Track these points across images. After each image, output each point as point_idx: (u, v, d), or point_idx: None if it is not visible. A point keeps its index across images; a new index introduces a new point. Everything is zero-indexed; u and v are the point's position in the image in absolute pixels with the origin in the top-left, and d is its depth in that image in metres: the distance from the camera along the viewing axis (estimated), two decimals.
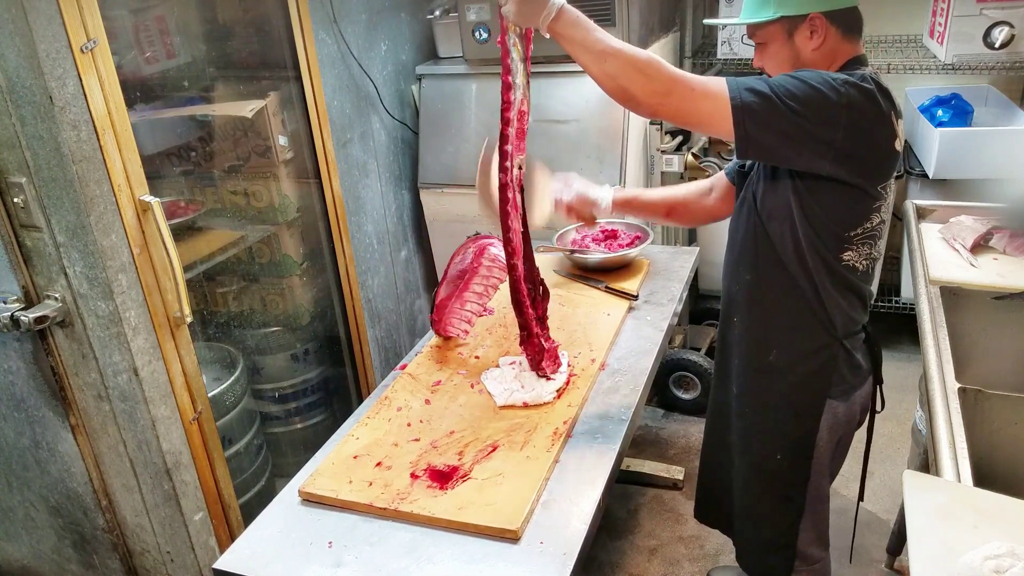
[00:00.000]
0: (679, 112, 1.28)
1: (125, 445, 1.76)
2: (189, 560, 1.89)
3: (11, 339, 1.69)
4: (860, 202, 1.37)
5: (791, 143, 1.29)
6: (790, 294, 1.46)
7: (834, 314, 1.46)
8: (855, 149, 1.30)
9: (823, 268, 1.42)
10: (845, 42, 1.42)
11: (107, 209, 1.56)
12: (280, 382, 2.60)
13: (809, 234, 1.40)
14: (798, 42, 1.42)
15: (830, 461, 1.63)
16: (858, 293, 1.48)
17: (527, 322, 1.65)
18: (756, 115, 1.25)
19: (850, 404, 1.57)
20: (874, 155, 1.33)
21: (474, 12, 2.63)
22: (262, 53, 2.31)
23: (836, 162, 1.30)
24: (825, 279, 1.43)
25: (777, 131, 1.27)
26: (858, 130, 1.28)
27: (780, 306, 1.49)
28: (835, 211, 1.38)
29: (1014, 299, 1.75)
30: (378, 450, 1.55)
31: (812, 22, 1.38)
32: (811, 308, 1.46)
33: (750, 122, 1.25)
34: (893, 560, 2.26)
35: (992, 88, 3.08)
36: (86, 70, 1.48)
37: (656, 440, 2.89)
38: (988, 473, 1.41)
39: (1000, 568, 1.03)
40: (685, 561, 2.35)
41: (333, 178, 2.40)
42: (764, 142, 1.29)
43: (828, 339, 1.48)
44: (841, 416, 1.56)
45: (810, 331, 1.48)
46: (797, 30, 1.40)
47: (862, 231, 1.39)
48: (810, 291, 1.44)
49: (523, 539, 1.32)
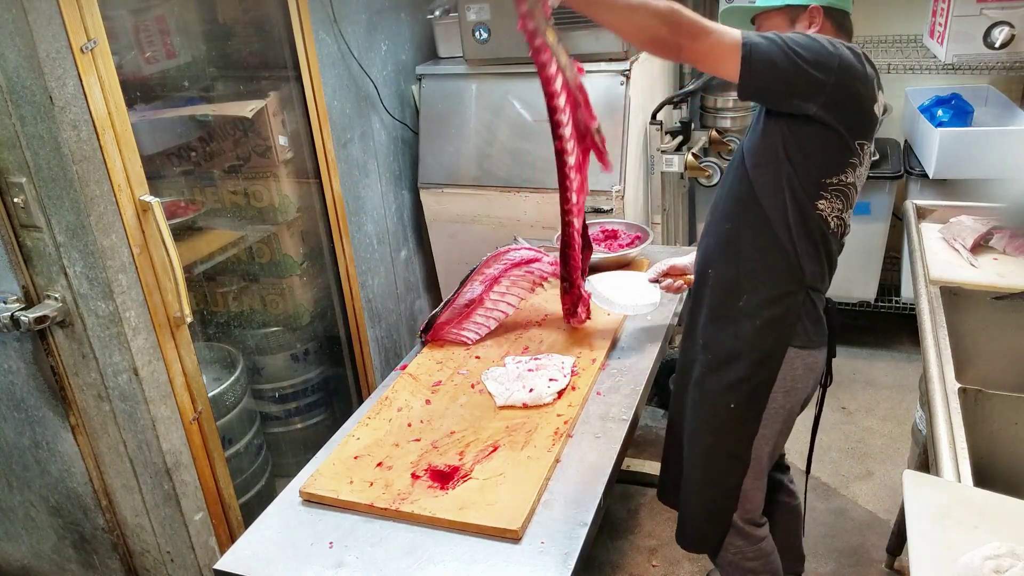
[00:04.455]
0: (700, 54, 1.40)
1: (125, 445, 1.76)
2: (189, 560, 1.89)
3: (11, 339, 1.69)
4: (839, 151, 1.47)
5: (788, 83, 1.40)
6: (765, 237, 1.54)
7: (804, 260, 1.53)
8: (841, 99, 1.41)
9: (798, 214, 1.51)
10: (837, 38, 1.51)
11: (107, 209, 1.56)
12: (280, 382, 2.60)
13: (791, 175, 1.49)
14: (797, 31, 1.53)
15: (779, 428, 1.65)
16: (826, 248, 1.55)
17: (571, 274, 1.78)
18: (761, 53, 1.37)
19: (808, 364, 1.60)
20: (857, 108, 1.44)
21: (474, 12, 2.63)
22: (262, 53, 2.31)
23: (824, 108, 1.41)
24: (799, 226, 1.51)
25: (777, 70, 1.38)
26: (846, 82, 1.40)
27: (755, 249, 1.56)
28: (815, 155, 1.48)
29: (1014, 299, 1.76)
30: (379, 450, 1.55)
31: (812, 13, 1.52)
32: (783, 252, 1.53)
33: (756, 59, 1.37)
34: (893, 560, 2.26)
35: (992, 88, 3.08)
36: (86, 70, 1.48)
37: (656, 440, 2.89)
38: (988, 473, 1.41)
39: (1000, 568, 1.03)
40: (685, 561, 2.35)
41: (333, 178, 2.40)
42: (765, 79, 1.40)
43: (795, 286, 1.55)
44: (799, 373, 1.59)
45: (780, 276, 1.55)
46: (798, 20, 1.55)
47: (837, 181, 1.49)
48: (784, 236, 1.52)
49: (524, 539, 1.32)
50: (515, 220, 2.76)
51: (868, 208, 2.99)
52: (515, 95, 2.69)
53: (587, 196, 1.77)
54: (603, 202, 2.61)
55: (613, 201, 2.59)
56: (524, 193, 2.71)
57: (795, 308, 1.55)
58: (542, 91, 1.57)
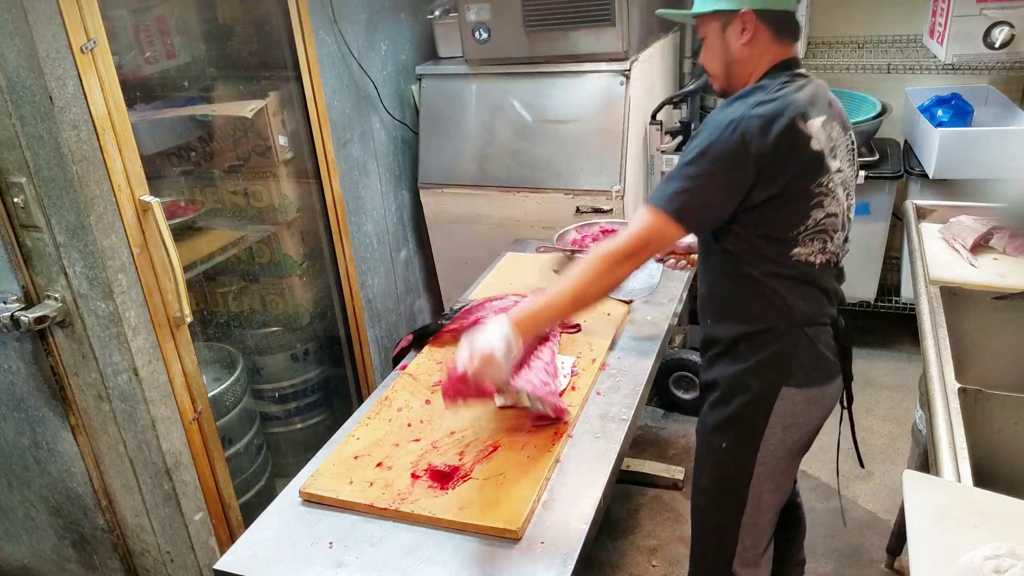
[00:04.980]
0: (638, 262, 1.43)
1: (125, 445, 1.76)
2: (189, 560, 1.89)
3: (11, 339, 1.69)
4: (796, 205, 1.42)
5: (723, 201, 1.39)
6: (745, 286, 1.50)
7: (791, 300, 1.49)
8: (772, 170, 1.36)
9: (774, 266, 1.47)
10: (775, 44, 1.47)
11: (107, 209, 1.56)
12: (280, 382, 2.60)
13: (754, 240, 1.45)
14: (729, 38, 1.48)
15: (781, 467, 1.59)
16: (818, 285, 1.50)
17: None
18: (686, 204, 1.38)
19: (810, 398, 1.54)
20: (793, 164, 1.38)
21: (474, 12, 2.62)
22: (262, 53, 2.31)
23: (763, 188, 1.38)
24: (780, 273, 1.47)
25: (709, 203, 1.39)
26: (766, 153, 1.34)
27: (737, 296, 1.53)
28: (773, 220, 1.43)
29: (1014, 299, 1.76)
30: (379, 450, 1.55)
31: (743, 19, 1.44)
32: (767, 298, 1.49)
33: (688, 215, 1.39)
34: (893, 560, 2.26)
35: (992, 88, 3.08)
36: (86, 70, 1.48)
37: (656, 440, 2.89)
38: (988, 473, 1.42)
39: (1000, 568, 1.03)
40: (685, 561, 2.34)
41: (333, 178, 2.40)
42: (706, 217, 1.42)
43: (786, 326, 1.50)
44: (799, 409, 1.54)
45: (767, 318, 1.51)
46: (730, 25, 1.47)
47: (805, 228, 1.44)
48: (767, 283, 1.48)
49: (524, 539, 1.32)
50: (515, 220, 2.76)
51: (868, 208, 2.99)
52: (515, 95, 2.69)
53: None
54: (603, 202, 2.61)
55: (613, 201, 2.59)
56: (524, 193, 2.71)
57: (788, 348, 1.50)
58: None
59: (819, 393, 1.55)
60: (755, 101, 1.38)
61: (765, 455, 1.56)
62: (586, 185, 2.63)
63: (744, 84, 1.49)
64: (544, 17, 2.56)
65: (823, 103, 1.45)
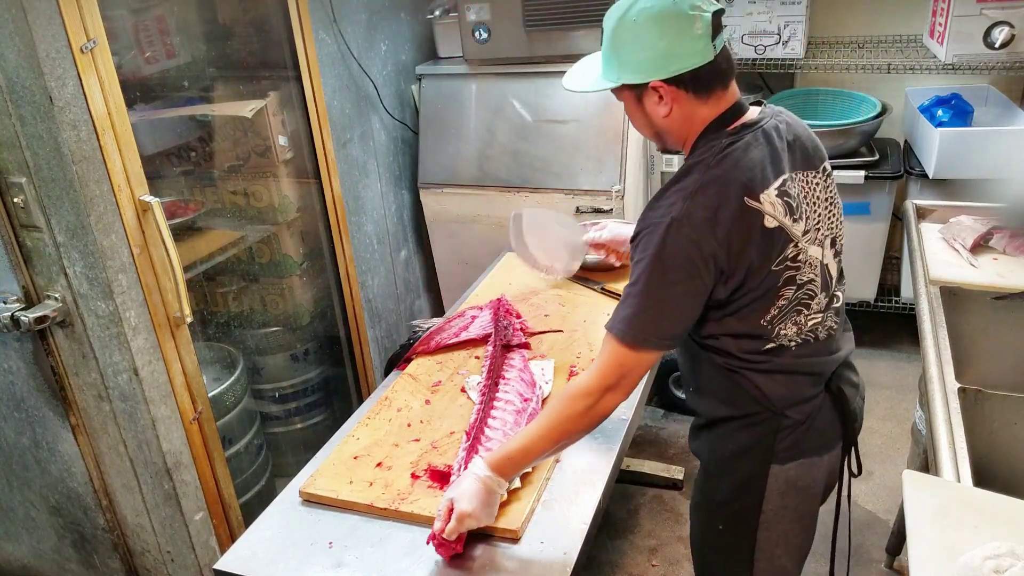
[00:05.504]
0: (623, 392, 1.32)
1: (125, 445, 1.76)
2: (189, 560, 1.89)
3: (11, 339, 1.69)
4: (762, 291, 1.31)
5: (689, 310, 1.29)
6: (724, 378, 1.40)
7: (768, 391, 1.38)
8: (729, 263, 1.25)
9: (747, 361, 1.36)
10: (701, 104, 1.30)
11: (107, 209, 1.56)
12: (280, 382, 2.60)
13: (726, 338, 1.36)
14: (648, 109, 1.33)
15: (791, 528, 1.47)
16: (799, 371, 1.38)
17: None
18: (646, 328, 1.27)
19: (807, 464, 1.43)
20: (750, 249, 1.25)
21: (474, 12, 2.63)
22: (262, 53, 2.31)
23: (725, 284, 1.27)
24: (755, 368, 1.37)
25: (673, 318, 1.28)
26: (719, 251, 1.23)
27: (717, 386, 1.43)
28: (741, 314, 1.33)
29: (1014, 299, 1.76)
30: (378, 450, 1.55)
31: (655, 89, 1.28)
32: (744, 388, 1.38)
33: (654, 337, 1.28)
34: (893, 560, 2.26)
35: (992, 88, 3.08)
36: (86, 70, 1.48)
37: (656, 440, 2.89)
38: (988, 473, 1.42)
39: (1000, 568, 1.03)
40: (685, 561, 2.35)
41: (333, 178, 2.40)
42: (675, 331, 1.30)
43: (768, 413, 1.39)
44: (793, 479, 1.43)
45: (747, 406, 1.40)
46: (644, 96, 1.31)
47: (778, 311, 1.32)
48: (743, 375, 1.38)
49: (523, 539, 1.32)
50: None
51: (868, 208, 2.99)
52: (515, 95, 2.69)
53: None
54: (603, 202, 2.61)
55: (613, 201, 2.59)
56: (524, 193, 2.71)
57: (769, 432, 1.38)
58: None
59: (818, 459, 1.44)
60: (693, 187, 1.24)
61: (770, 520, 1.45)
62: (586, 185, 2.63)
63: (683, 144, 1.36)
64: (544, 17, 2.56)
65: (779, 152, 1.30)
